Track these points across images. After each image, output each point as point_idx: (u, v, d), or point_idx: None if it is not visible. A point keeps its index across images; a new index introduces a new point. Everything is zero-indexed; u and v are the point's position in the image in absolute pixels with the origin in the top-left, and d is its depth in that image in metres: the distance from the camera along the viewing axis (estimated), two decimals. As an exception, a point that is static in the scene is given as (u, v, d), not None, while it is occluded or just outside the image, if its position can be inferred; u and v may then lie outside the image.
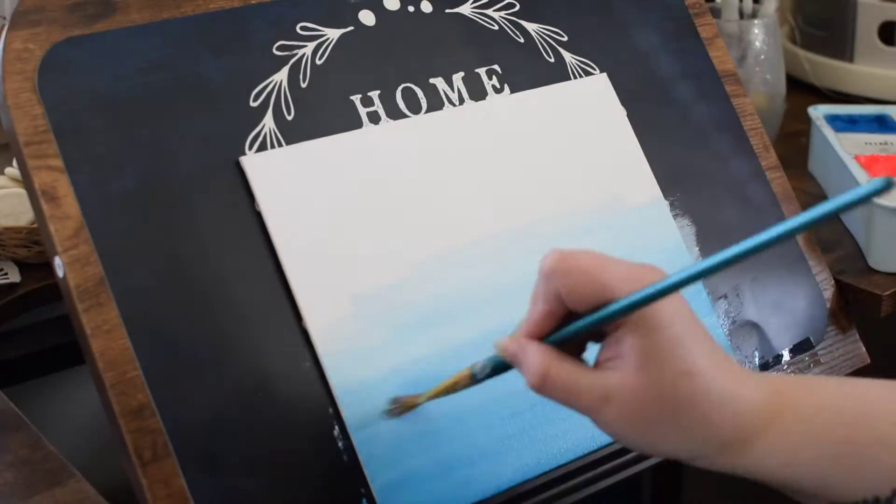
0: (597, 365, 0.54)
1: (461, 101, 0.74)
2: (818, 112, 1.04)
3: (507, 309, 0.69)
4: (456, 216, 0.70)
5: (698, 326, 0.53)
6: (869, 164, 0.94)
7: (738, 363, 0.56)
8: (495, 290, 0.69)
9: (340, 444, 0.62)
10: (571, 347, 0.55)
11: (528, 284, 0.71)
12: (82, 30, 0.64)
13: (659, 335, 0.52)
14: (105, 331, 0.59)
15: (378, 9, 0.73)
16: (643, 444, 0.54)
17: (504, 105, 0.75)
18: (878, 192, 0.44)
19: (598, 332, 0.54)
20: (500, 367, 0.58)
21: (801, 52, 1.26)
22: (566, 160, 0.75)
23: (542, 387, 0.53)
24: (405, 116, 0.71)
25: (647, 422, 0.52)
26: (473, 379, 0.59)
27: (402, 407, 0.64)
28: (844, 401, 0.55)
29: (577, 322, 0.54)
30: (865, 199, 0.45)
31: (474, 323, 0.68)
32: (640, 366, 0.52)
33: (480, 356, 0.65)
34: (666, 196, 0.78)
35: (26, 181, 0.61)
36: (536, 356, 0.53)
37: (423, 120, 0.72)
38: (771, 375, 0.56)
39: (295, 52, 0.70)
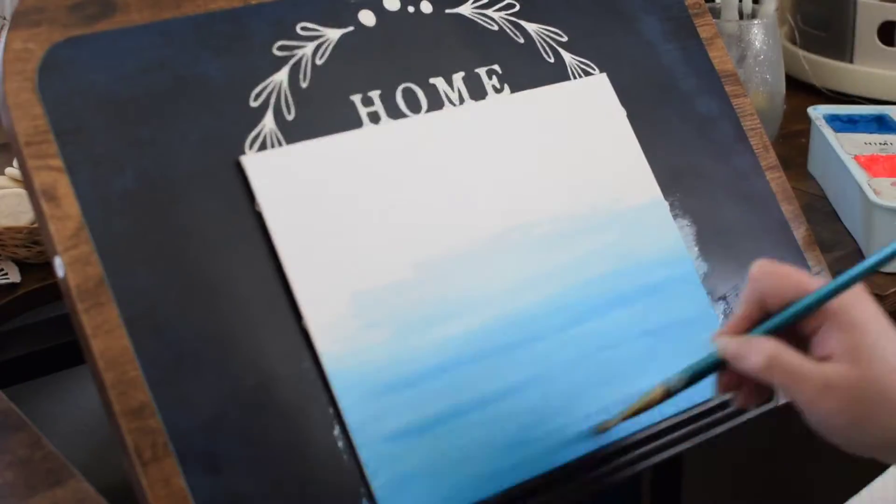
0: None
1: (461, 101, 0.74)
2: (818, 112, 1.04)
3: (508, 308, 0.69)
4: (456, 216, 0.70)
5: (893, 330, 0.58)
6: (868, 164, 0.94)
7: None
8: (495, 290, 0.69)
9: (340, 444, 0.62)
10: None
11: (528, 284, 0.71)
12: (82, 30, 0.64)
13: (863, 332, 0.57)
14: (105, 331, 0.59)
15: (378, 9, 0.74)
16: (854, 437, 0.57)
17: (504, 105, 0.75)
18: None
19: (798, 337, 0.59)
20: (696, 376, 0.62)
21: (801, 53, 1.26)
22: (566, 160, 0.75)
23: (770, 369, 0.57)
24: (405, 116, 0.72)
25: (861, 414, 0.56)
26: (669, 394, 0.64)
27: (604, 427, 0.68)
28: None
29: (783, 312, 0.59)
30: None
31: (474, 322, 0.68)
32: (855, 361, 0.56)
33: (480, 356, 0.65)
34: (666, 196, 0.78)
35: (26, 181, 0.61)
36: (764, 342, 0.58)
37: (424, 120, 0.72)
38: None
39: (295, 52, 0.70)
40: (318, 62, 0.70)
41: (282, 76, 0.69)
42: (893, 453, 0.57)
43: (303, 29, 0.70)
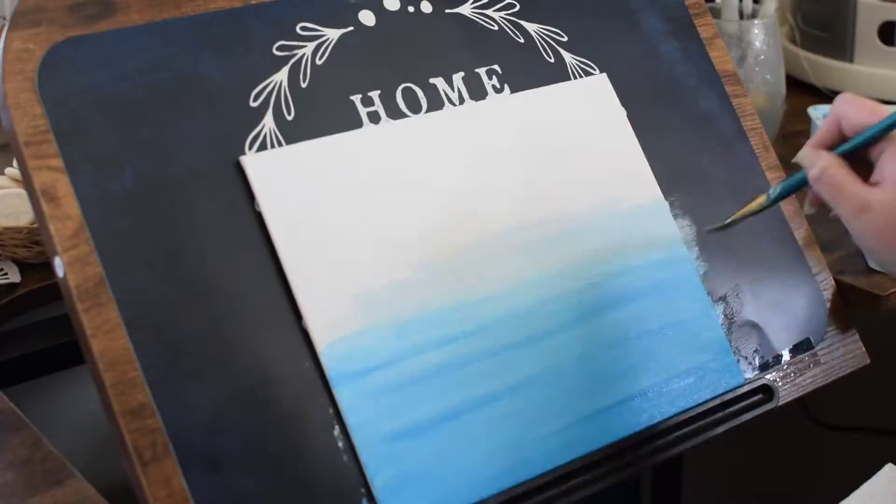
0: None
1: (461, 100, 0.74)
2: (818, 112, 1.04)
3: (508, 308, 0.69)
4: (456, 216, 0.70)
5: None
6: (869, 164, 0.93)
7: None
8: (496, 290, 0.69)
9: (340, 443, 0.62)
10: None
11: (528, 284, 0.71)
12: (82, 30, 0.64)
13: None
14: (105, 331, 0.59)
15: (378, 9, 0.74)
16: (888, 261, 0.63)
17: (504, 105, 0.75)
18: None
19: (868, 164, 0.63)
20: (791, 187, 0.69)
21: (801, 53, 1.26)
22: (566, 160, 0.75)
23: (819, 179, 0.64)
24: (405, 116, 0.71)
25: (894, 236, 0.61)
26: (768, 199, 0.70)
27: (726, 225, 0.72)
28: None
29: (855, 138, 0.64)
30: None
31: (474, 323, 0.68)
32: None
33: (480, 356, 0.65)
34: (666, 196, 0.78)
35: (26, 181, 0.61)
36: (824, 157, 0.64)
37: (424, 120, 0.72)
38: None
39: (295, 52, 0.70)
40: (318, 62, 0.70)
41: (282, 76, 0.69)
42: None
43: (303, 29, 0.70)
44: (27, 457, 0.66)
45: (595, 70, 0.80)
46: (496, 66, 0.76)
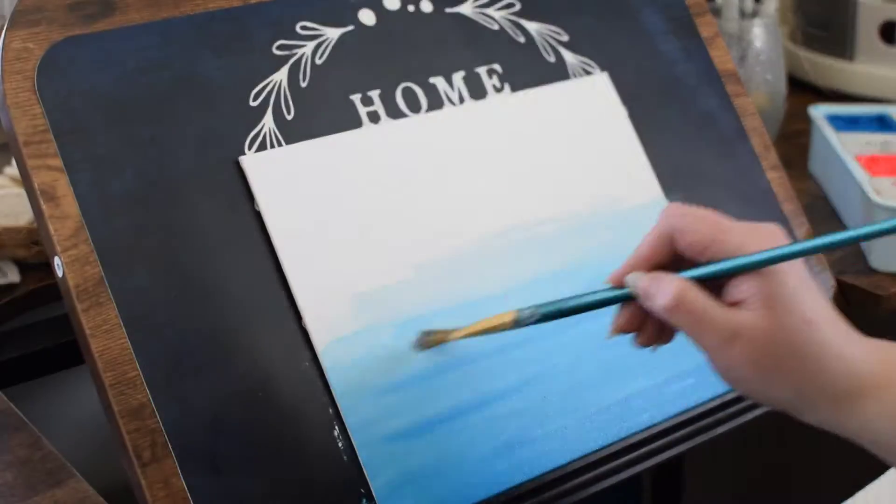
0: None
1: (461, 100, 0.74)
2: (819, 112, 1.04)
3: (507, 308, 0.69)
4: (456, 216, 0.70)
5: (812, 281, 0.55)
6: (869, 163, 0.93)
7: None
8: (495, 290, 0.69)
9: (340, 444, 0.62)
10: None
11: (528, 284, 0.71)
12: (82, 29, 0.64)
13: (781, 282, 0.53)
14: (105, 331, 0.59)
15: (378, 8, 0.73)
16: (760, 388, 0.55)
17: (504, 104, 0.75)
18: None
19: (713, 281, 0.55)
20: (550, 315, 0.58)
21: (802, 52, 1.26)
22: (567, 160, 0.75)
23: (676, 309, 0.54)
24: (405, 116, 0.71)
25: (769, 365, 0.53)
26: (516, 324, 0.59)
27: (432, 340, 0.64)
28: None
29: (708, 266, 0.55)
30: None
31: (474, 322, 0.68)
32: (767, 310, 0.53)
33: (480, 356, 0.65)
34: (667, 196, 0.78)
35: (25, 181, 0.61)
36: (675, 281, 0.54)
37: (424, 119, 0.72)
38: (881, 342, 0.57)
39: (295, 51, 0.70)
40: (318, 62, 0.70)
41: (281, 76, 0.68)
42: (801, 407, 0.55)
43: (302, 28, 0.70)
44: (27, 457, 0.66)
45: (596, 69, 0.80)
46: (496, 66, 0.76)
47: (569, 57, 0.79)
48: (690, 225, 0.55)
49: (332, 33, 0.71)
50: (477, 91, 0.74)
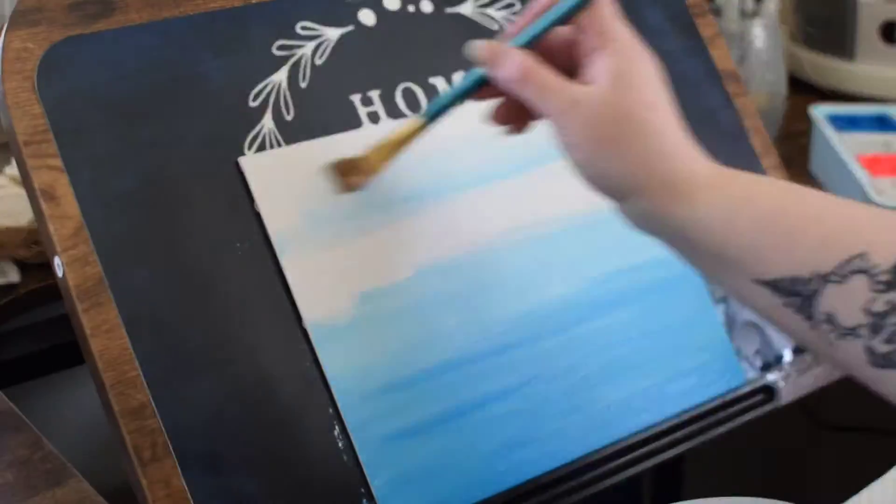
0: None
1: (461, 100, 0.74)
2: (819, 112, 1.04)
3: (507, 309, 0.69)
4: (456, 216, 0.70)
5: (664, 84, 0.58)
6: (870, 163, 0.94)
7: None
8: (495, 290, 0.69)
9: (340, 444, 0.62)
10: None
11: (528, 284, 0.71)
12: (82, 29, 0.64)
13: (633, 63, 0.57)
14: (105, 331, 0.59)
15: (378, 8, 0.73)
16: (594, 163, 0.57)
17: (504, 105, 0.75)
18: None
19: (574, 63, 0.58)
20: (456, 97, 0.61)
21: (802, 52, 1.26)
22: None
23: (523, 80, 0.57)
24: (405, 116, 0.71)
25: (604, 137, 0.56)
26: (427, 119, 0.62)
27: (351, 181, 0.64)
28: (783, 187, 0.57)
29: (542, 18, 0.58)
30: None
31: (474, 323, 0.68)
32: (611, 84, 0.56)
33: (480, 356, 0.65)
34: (666, 196, 0.78)
35: (25, 181, 0.61)
36: (519, 54, 0.58)
37: (424, 119, 0.72)
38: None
39: (294, 51, 0.70)
40: (318, 62, 0.70)
41: (281, 76, 0.68)
42: (632, 190, 0.56)
43: (302, 28, 0.70)
44: (27, 457, 0.66)
45: (595, 69, 0.79)
46: (496, 66, 0.76)
47: (569, 57, 0.79)
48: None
49: (332, 33, 0.71)
50: (477, 91, 0.74)
